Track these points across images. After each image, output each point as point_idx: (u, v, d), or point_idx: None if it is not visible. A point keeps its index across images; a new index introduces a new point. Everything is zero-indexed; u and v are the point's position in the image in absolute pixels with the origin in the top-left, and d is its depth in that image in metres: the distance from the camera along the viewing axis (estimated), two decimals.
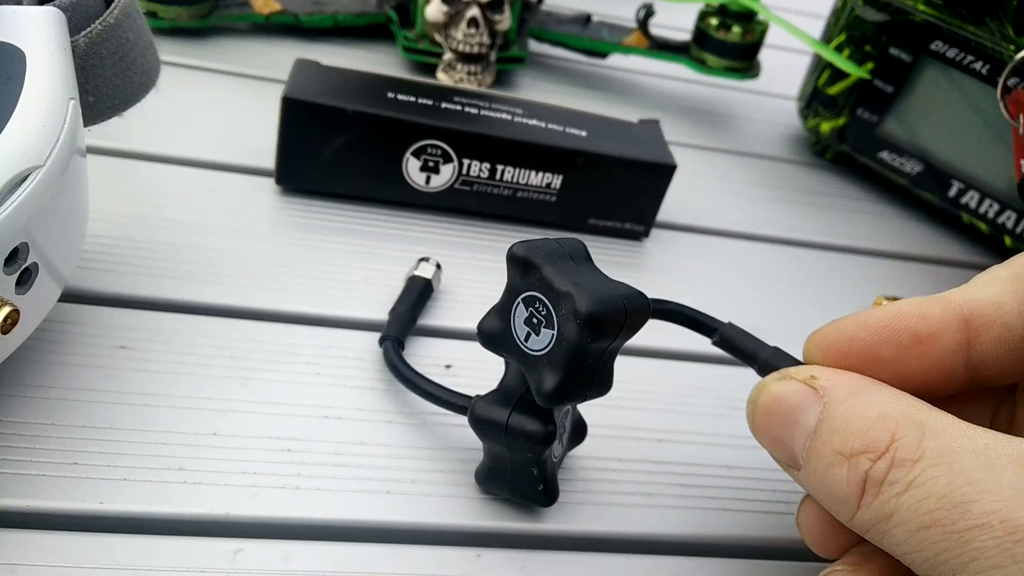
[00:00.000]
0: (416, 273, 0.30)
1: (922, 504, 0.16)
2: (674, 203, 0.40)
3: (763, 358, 0.22)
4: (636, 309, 0.20)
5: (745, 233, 0.41)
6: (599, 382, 0.20)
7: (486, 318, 0.21)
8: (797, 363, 0.22)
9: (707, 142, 0.48)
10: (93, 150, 0.34)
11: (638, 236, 0.38)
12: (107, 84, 0.26)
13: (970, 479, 0.15)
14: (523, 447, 0.21)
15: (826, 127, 0.47)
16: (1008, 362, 0.19)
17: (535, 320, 0.20)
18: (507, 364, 0.23)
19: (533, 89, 0.48)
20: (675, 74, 0.54)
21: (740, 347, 0.23)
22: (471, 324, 0.31)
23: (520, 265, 0.20)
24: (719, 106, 0.53)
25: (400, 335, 0.28)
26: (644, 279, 0.35)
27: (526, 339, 0.20)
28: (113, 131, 0.34)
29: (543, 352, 0.20)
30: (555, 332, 0.19)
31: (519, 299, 0.20)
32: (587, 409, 0.26)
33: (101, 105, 0.26)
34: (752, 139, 0.50)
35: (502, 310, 0.21)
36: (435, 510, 0.24)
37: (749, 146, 0.49)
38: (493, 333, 0.21)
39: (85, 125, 0.25)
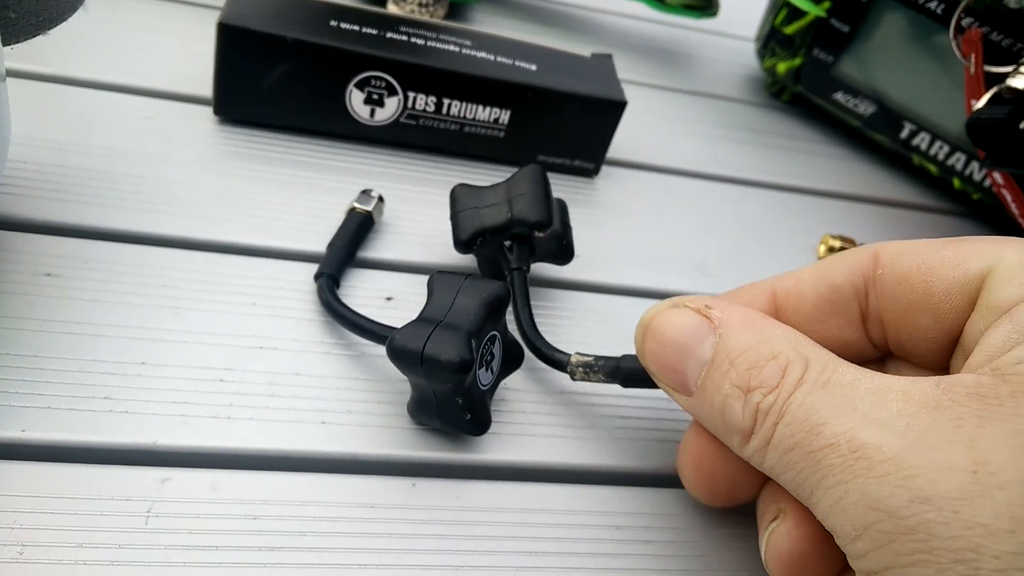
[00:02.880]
0: (356, 205, 0.30)
1: (789, 428, 0.17)
2: (627, 141, 0.40)
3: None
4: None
5: (697, 172, 0.40)
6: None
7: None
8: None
9: (664, 81, 0.48)
10: (15, 73, 0.32)
11: (588, 173, 0.37)
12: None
13: (830, 405, 0.17)
14: (441, 376, 0.21)
15: (782, 67, 0.46)
16: (806, 328, 0.21)
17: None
18: (429, 294, 0.22)
19: (487, 24, 0.47)
20: (633, 12, 0.53)
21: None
22: (413, 257, 0.30)
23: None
24: (677, 46, 0.52)
25: (335, 271, 0.27)
26: (595, 217, 0.35)
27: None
28: (39, 53, 0.33)
29: None
30: None
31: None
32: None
33: (23, 22, 0.25)
34: (709, 79, 0.49)
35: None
36: (370, 440, 0.24)
37: (706, 86, 0.49)
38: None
39: (5, 44, 0.24)
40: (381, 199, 0.30)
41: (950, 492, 0.15)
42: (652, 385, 0.27)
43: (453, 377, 0.21)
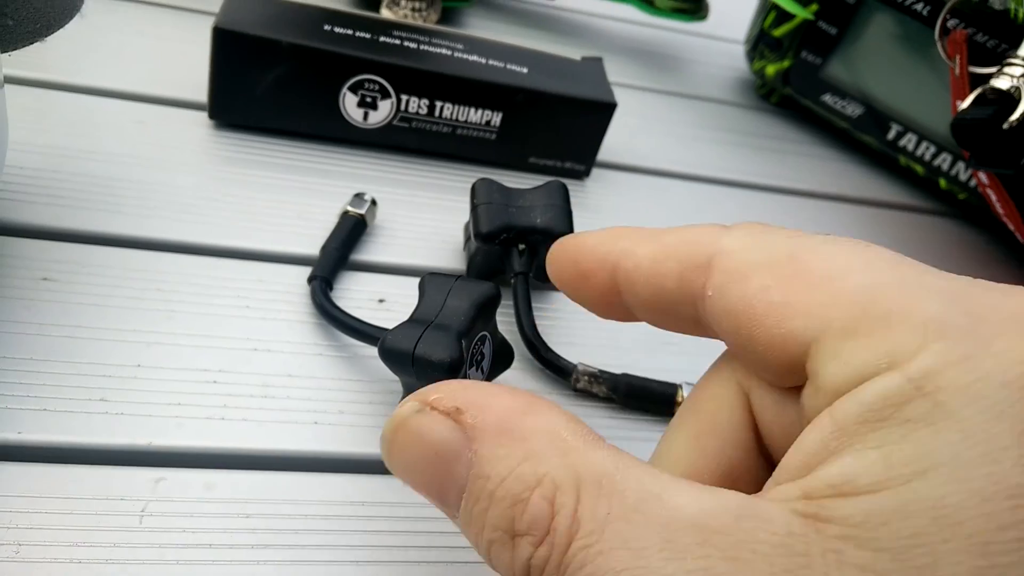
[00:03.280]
0: (349, 209, 0.30)
1: None
2: (618, 143, 0.40)
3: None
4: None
5: (687, 174, 0.41)
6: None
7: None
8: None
9: (654, 84, 0.48)
10: (14, 80, 0.32)
11: (579, 175, 0.38)
12: (27, 6, 0.25)
13: (615, 564, 0.13)
14: (431, 376, 0.21)
15: (771, 70, 0.47)
16: (649, 316, 0.19)
17: None
18: (421, 295, 0.23)
19: (479, 28, 0.48)
20: (624, 16, 0.54)
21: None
22: (406, 260, 0.31)
23: None
24: (667, 48, 0.53)
25: (328, 274, 0.28)
26: (585, 219, 0.35)
27: None
28: (37, 59, 0.34)
29: None
30: None
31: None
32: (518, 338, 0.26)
33: (21, 29, 0.25)
34: (699, 82, 0.50)
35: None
36: (361, 440, 0.24)
37: (696, 89, 0.49)
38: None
39: (4, 51, 0.24)
40: (374, 202, 0.31)
41: None
42: (652, 408, 0.27)
43: (444, 376, 0.21)
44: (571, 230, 0.29)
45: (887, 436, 0.13)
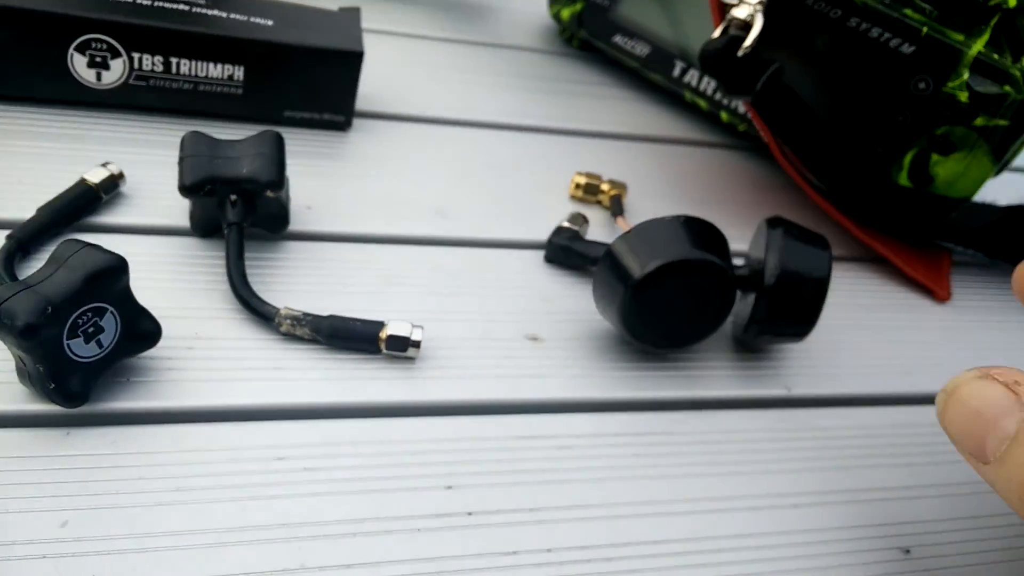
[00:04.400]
0: (85, 177, 0.30)
1: None
2: (406, 94, 0.40)
3: None
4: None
5: (463, 120, 0.41)
6: None
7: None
8: None
9: (461, 35, 0.48)
10: None
11: (340, 127, 0.38)
12: None
13: None
14: (7, 339, 0.21)
15: (566, 13, 0.47)
16: None
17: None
18: (49, 259, 0.22)
19: None
20: None
21: None
22: (151, 220, 0.31)
23: None
24: None
25: (24, 235, 0.27)
26: (341, 169, 0.35)
27: None
28: None
29: None
30: None
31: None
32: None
33: None
34: (505, 31, 0.50)
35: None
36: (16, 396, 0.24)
37: (501, 38, 0.49)
38: None
39: None
40: (109, 165, 0.30)
41: None
42: (357, 347, 0.28)
43: (18, 341, 0.21)
44: (280, 178, 0.29)
45: None
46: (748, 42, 0.34)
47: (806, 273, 0.29)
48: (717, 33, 0.35)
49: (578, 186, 0.37)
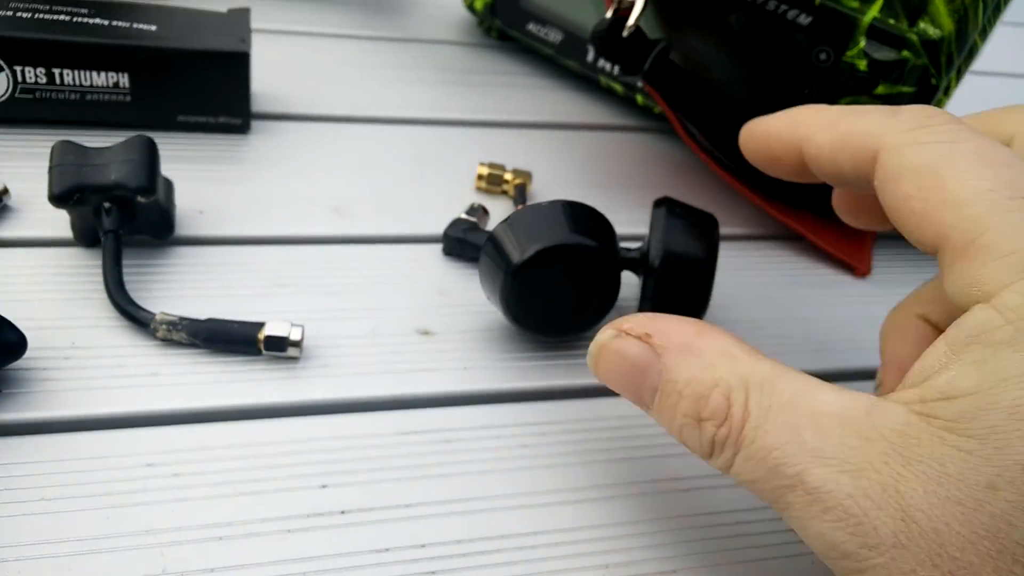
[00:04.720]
0: None
1: (748, 464, 0.19)
2: (300, 94, 0.40)
3: None
4: None
5: (369, 117, 0.41)
6: None
7: None
8: None
9: (378, 32, 0.48)
10: None
11: (238, 129, 0.37)
12: None
13: (778, 439, 0.18)
14: None
15: (479, 3, 0.47)
16: (824, 175, 0.24)
17: None
18: None
19: None
20: None
21: None
22: (36, 233, 0.30)
23: None
24: None
25: None
26: (238, 172, 0.35)
27: None
28: None
29: None
30: None
31: None
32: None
33: None
34: (424, 26, 0.50)
35: None
36: None
37: (420, 32, 0.49)
38: None
39: None
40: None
41: (888, 539, 0.17)
42: (236, 349, 0.27)
43: None
44: (150, 183, 0.28)
45: (982, 354, 0.17)
46: (631, 22, 0.33)
47: (691, 253, 0.28)
48: (609, 14, 0.35)
49: (481, 177, 0.37)
